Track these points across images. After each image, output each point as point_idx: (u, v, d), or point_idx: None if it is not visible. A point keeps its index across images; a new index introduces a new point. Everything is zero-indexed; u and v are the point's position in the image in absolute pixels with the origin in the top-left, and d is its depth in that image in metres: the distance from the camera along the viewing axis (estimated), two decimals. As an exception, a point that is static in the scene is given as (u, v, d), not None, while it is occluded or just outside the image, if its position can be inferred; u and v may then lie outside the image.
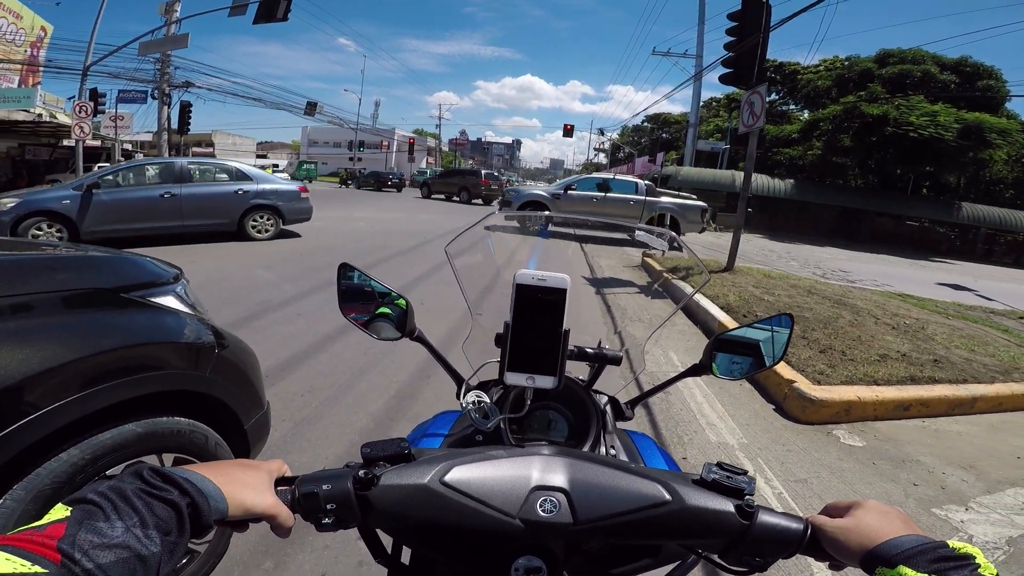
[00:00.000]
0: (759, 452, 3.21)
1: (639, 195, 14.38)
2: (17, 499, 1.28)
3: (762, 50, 8.51)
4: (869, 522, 0.56)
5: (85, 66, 19.55)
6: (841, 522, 0.58)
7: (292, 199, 10.28)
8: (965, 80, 27.15)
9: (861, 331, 5.41)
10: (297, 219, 10.50)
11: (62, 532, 0.40)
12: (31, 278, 1.62)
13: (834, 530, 0.57)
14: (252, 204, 9.68)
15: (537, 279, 0.70)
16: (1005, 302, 10.63)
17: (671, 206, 14.44)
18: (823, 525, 0.58)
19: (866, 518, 0.57)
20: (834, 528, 0.58)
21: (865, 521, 0.56)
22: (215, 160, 10.51)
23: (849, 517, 0.58)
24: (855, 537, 0.55)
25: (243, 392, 1.91)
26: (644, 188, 14.59)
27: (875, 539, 0.53)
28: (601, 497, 0.60)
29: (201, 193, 9.19)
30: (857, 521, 0.57)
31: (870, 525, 0.56)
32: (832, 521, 0.59)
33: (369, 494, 0.59)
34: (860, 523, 0.56)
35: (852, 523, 0.57)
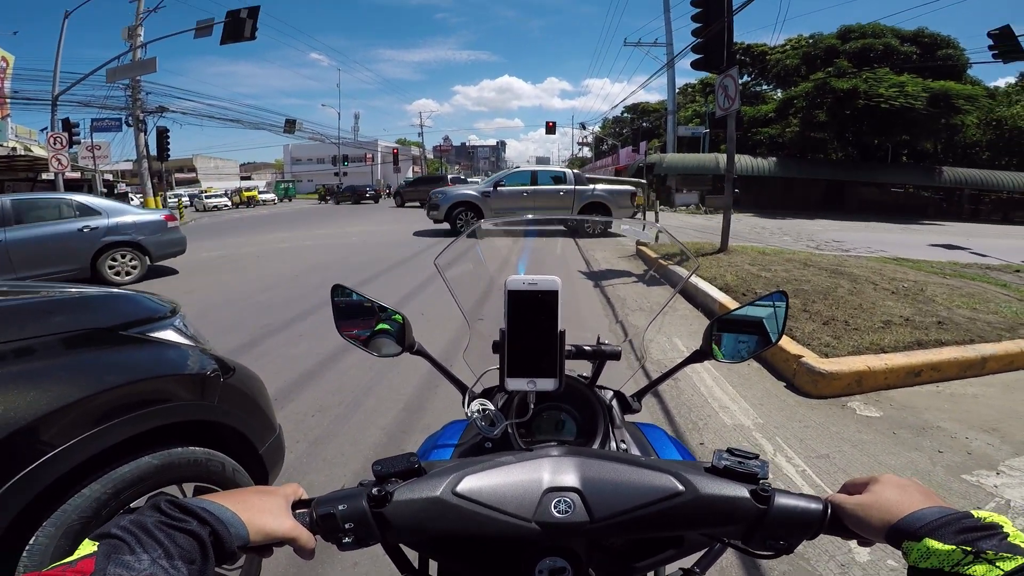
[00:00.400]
0: (776, 431, 3.19)
1: (568, 184, 14.30)
2: (48, 536, 1.31)
3: (728, 34, 8.60)
4: (889, 496, 0.56)
5: (54, 96, 19.42)
6: (861, 498, 0.58)
7: (156, 231, 8.75)
8: (925, 50, 27.76)
9: (861, 299, 5.42)
10: (167, 254, 9.06)
11: (92, 567, 0.42)
12: (28, 322, 1.63)
13: (854, 507, 0.57)
14: (106, 242, 8.21)
15: (528, 283, 0.71)
16: (1000, 257, 10.72)
17: (601, 193, 14.43)
18: (843, 503, 0.58)
19: (885, 492, 0.56)
20: (854, 505, 0.57)
21: (884, 496, 0.56)
22: (52, 195, 9.20)
23: (868, 493, 0.58)
24: (876, 513, 0.55)
25: (253, 418, 1.92)
26: (573, 177, 14.52)
27: (897, 513, 0.53)
28: (614, 493, 0.60)
29: (35, 236, 7.64)
30: (876, 496, 0.56)
31: (890, 499, 0.55)
32: (851, 498, 0.58)
33: (384, 511, 0.59)
34: (880, 498, 0.56)
35: (872, 499, 0.56)
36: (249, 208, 37.17)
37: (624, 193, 14.56)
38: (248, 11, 16.11)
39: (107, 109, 23.33)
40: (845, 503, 0.58)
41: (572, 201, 13.98)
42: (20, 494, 1.25)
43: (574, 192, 14.06)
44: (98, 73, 20.12)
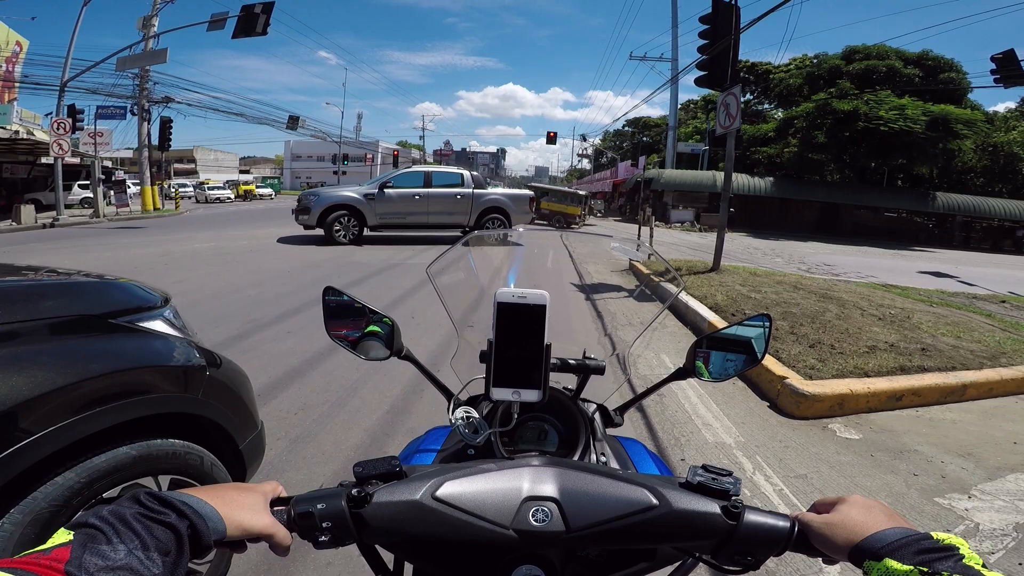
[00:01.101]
0: (756, 450, 3.22)
1: (466, 187, 13.09)
2: (15, 523, 1.28)
3: (734, 52, 8.66)
4: (854, 516, 0.57)
5: (62, 82, 19.29)
6: (827, 518, 0.59)
7: None
8: (928, 73, 28.03)
9: (848, 324, 5.48)
10: None
11: (68, 555, 0.42)
12: (16, 306, 1.59)
13: (820, 526, 0.58)
14: None
15: (517, 297, 0.72)
16: (986, 287, 10.85)
17: (500, 198, 13.54)
18: (810, 522, 0.59)
19: (851, 513, 0.58)
20: (820, 524, 0.58)
21: (850, 516, 0.57)
22: None
23: (835, 512, 0.59)
24: (841, 532, 0.56)
25: (236, 412, 1.90)
26: (471, 180, 13.28)
27: (861, 533, 0.54)
28: (591, 504, 0.61)
29: None
30: (843, 516, 0.58)
31: (855, 519, 0.57)
32: (818, 517, 0.60)
33: (363, 511, 0.59)
34: (845, 518, 0.57)
35: (838, 518, 0.58)
36: (246, 202, 37.07)
37: (523, 198, 13.90)
38: (263, 6, 16.01)
39: (114, 97, 23.15)
40: (812, 522, 0.59)
41: (469, 206, 12.97)
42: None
43: (472, 196, 12.99)
44: (108, 61, 20.01)
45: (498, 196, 13.55)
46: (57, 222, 16.33)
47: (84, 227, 16.31)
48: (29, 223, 15.67)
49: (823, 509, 0.61)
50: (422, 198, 12.73)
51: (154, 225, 17.34)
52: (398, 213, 12.61)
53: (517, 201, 13.67)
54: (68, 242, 12.23)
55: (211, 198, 35.51)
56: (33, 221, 15.91)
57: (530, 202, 13.87)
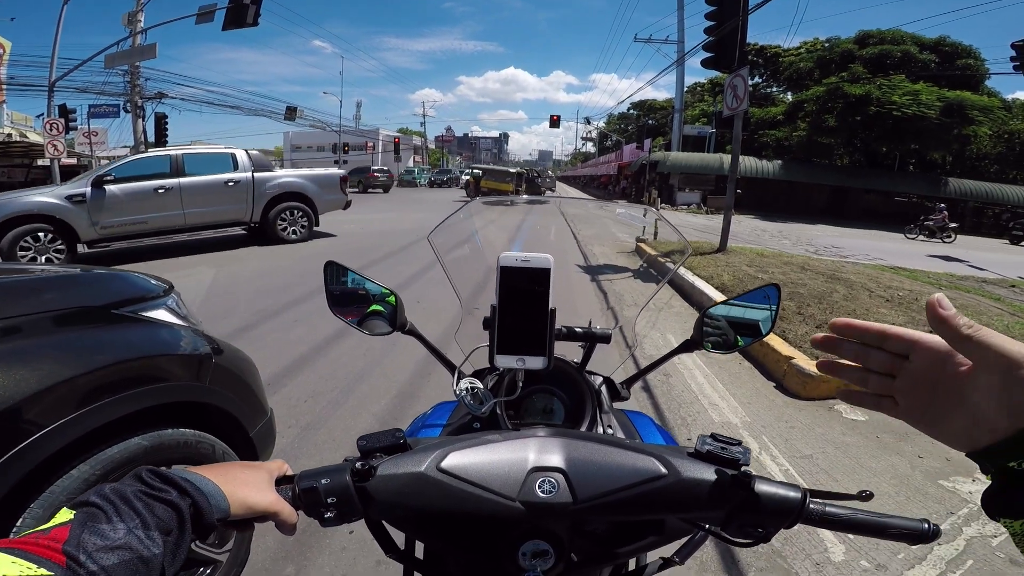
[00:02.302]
0: (763, 430, 3.23)
1: (242, 172, 9.73)
2: (36, 517, 1.29)
3: (742, 33, 8.53)
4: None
5: (51, 82, 19.20)
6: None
7: None
8: (944, 59, 27.50)
9: (856, 305, 5.45)
10: None
11: (66, 535, 0.41)
12: (19, 300, 1.61)
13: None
14: None
15: (521, 260, 0.70)
16: (996, 271, 10.73)
17: (296, 181, 10.55)
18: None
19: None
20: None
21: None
22: None
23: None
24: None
25: (245, 400, 1.91)
26: (248, 161, 9.89)
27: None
28: (598, 474, 0.60)
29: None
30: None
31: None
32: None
33: (367, 485, 0.59)
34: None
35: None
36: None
37: (330, 181, 11.12)
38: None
39: (105, 95, 22.99)
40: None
41: (248, 195, 9.76)
42: (8, 474, 1.23)
43: (251, 183, 9.75)
44: (96, 59, 19.85)
45: (293, 180, 10.52)
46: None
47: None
48: (30, 226, 15.57)
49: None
50: (170, 192, 8.91)
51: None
52: (132, 218, 8.61)
53: (323, 184, 10.94)
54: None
55: None
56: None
57: (342, 182, 11.17)
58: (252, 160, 9.98)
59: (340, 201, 11.30)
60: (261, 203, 9.97)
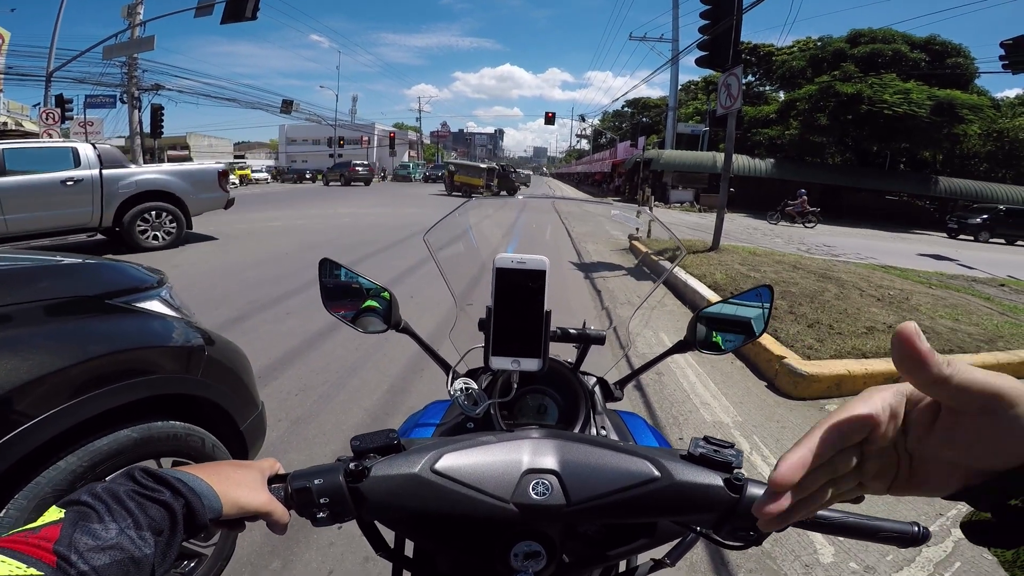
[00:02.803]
0: (754, 430, 3.24)
1: (86, 169, 8.08)
2: (20, 508, 1.28)
3: (736, 32, 8.54)
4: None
5: (48, 72, 19.17)
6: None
7: None
8: (935, 58, 27.72)
9: (847, 304, 5.48)
10: None
11: (57, 534, 0.40)
12: (11, 288, 1.59)
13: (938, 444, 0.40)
14: None
15: (516, 262, 0.70)
16: (985, 270, 10.84)
17: (159, 178, 8.84)
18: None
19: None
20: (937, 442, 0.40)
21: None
22: None
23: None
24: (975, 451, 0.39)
25: (236, 393, 1.90)
26: (94, 157, 8.23)
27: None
28: (592, 477, 0.60)
29: None
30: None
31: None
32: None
33: (361, 486, 0.58)
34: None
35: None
36: (242, 186, 36.80)
37: (205, 176, 9.53)
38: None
39: (102, 85, 22.93)
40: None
41: (95, 196, 8.13)
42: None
43: (97, 181, 8.13)
44: (95, 50, 19.85)
45: (154, 177, 8.80)
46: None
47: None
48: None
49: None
50: None
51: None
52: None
53: (196, 181, 9.32)
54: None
55: None
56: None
57: (220, 179, 9.63)
58: (101, 156, 8.32)
59: (219, 200, 9.72)
60: (113, 205, 8.27)
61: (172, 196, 8.88)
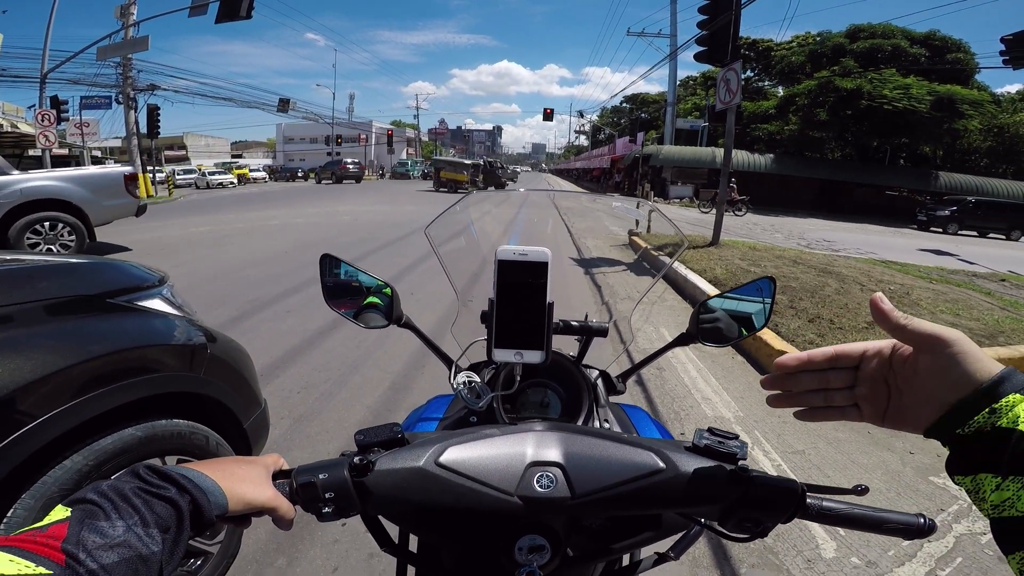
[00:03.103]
0: (755, 425, 3.24)
1: None
2: (27, 507, 1.29)
3: (735, 27, 8.54)
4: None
5: (43, 73, 19.13)
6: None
7: None
8: (934, 53, 27.66)
9: (848, 299, 5.48)
10: None
11: (64, 533, 0.40)
12: (13, 288, 1.59)
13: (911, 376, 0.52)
14: None
15: (518, 254, 0.70)
16: (986, 265, 10.84)
17: (50, 185, 7.61)
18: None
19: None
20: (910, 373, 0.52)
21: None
22: None
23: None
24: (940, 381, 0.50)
25: (239, 391, 1.90)
26: None
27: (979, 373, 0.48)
28: (596, 469, 0.60)
29: None
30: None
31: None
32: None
33: (365, 480, 0.58)
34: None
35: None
36: (240, 185, 36.80)
37: (108, 181, 8.23)
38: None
39: (97, 86, 22.92)
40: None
41: None
42: (1, 465, 1.22)
43: None
44: (89, 51, 19.85)
45: (44, 184, 7.61)
46: (49, 213, 16.06)
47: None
48: (22, 215, 15.40)
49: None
50: None
51: (149, 212, 17.15)
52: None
53: (97, 186, 8.04)
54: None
55: (212, 183, 34.18)
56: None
57: (127, 183, 8.35)
58: None
59: (128, 207, 8.45)
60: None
61: (68, 204, 7.72)
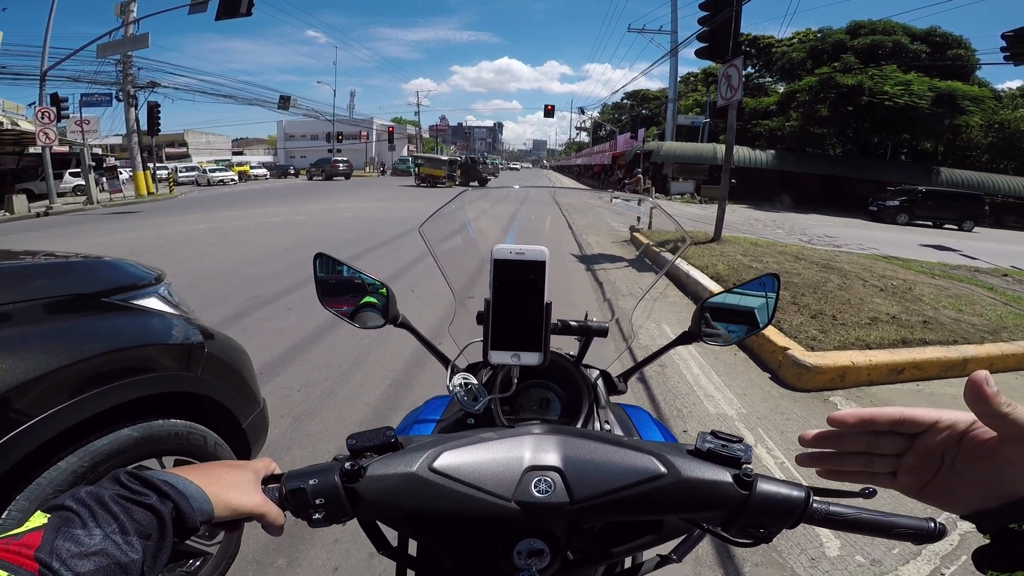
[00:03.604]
0: (758, 422, 3.23)
1: None
2: (21, 509, 1.27)
3: (736, 23, 8.51)
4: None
5: (42, 71, 19.13)
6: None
7: None
8: (935, 50, 27.62)
9: (850, 294, 5.46)
10: None
11: (39, 541, 0.39)
12: (8, 287, 1.57)
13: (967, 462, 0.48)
14: None
15: (515, 253, 0.68)
16: (989, 260, 10.80)
17: None
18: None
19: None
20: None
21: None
22: None
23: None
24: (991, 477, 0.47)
25: (237, 391, 1.89)
26: None
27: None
28: (596, 473, 0.58)
29: None
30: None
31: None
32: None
33: (357, 486, 0.57)
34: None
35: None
36: (241, 182, 36.85)
37: None
38: (244, -14, 15.75)
39: (97, 84, 22.92)
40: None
41: None
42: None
43: None
44: (89, 48, 19.80)
45: None
46: (51, 210, 16.22)
47: (78, 214, 16.13)
48: (22, 212, 15.48)
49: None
50: None
51: (148, 209, 17.23)
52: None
53: None
54: (63, 229, 12.12)
55: (213, 180, 34.12)
56: (26, 211, 15.74)
57: None
58: None
59: None
60: None
61: None
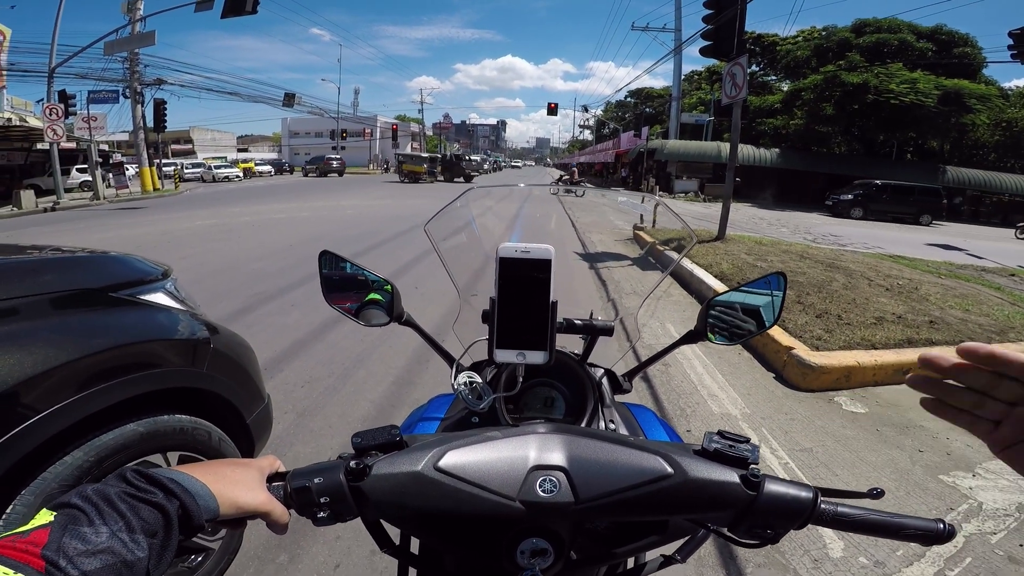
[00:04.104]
0: (762, 422, 3.22)
1: None
2: (27, 504, 1.27)
3: (740, 21, 8.49)
4: None
5: (50, 68, 19.27)
6: None
7: None
8: (941, 48, 27.50)
9: (855, 294, 5.44)
10: None
11: (45, 538, 0.39)
12: (16, 281, 1.57)
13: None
14: None
15: (521, 251, 0.68)
16: (995, 260, 10.75)
17: None
18: None
19: None
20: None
21: None
22: None
23: None
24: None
25: (242, 386, 1.89)
26: None
27: None
28: (601, 473, 0.58)
29: None
30: None
31: None
32: None
33: (362, 485, 0.57)
34: None
35: None
36: (246, 179, 36.96)
37: None
38: (251, -16, 15.78)
39: (104, 81, 23.10)
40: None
41: None
42: (1, 460, 1.21)
43: None
44: (96, 46, 19.99)
45: None
46: (58, 206, 16.30)
47: (85, 209, 16.20)
48: (30, 208, 15.56)
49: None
50: None
51: (154, 205, 17.30)
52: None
53: None
54: (70, 224, 12.19)
55: (218, 177, 34.45)
56: (34, 206, 15.81)
57: None
58: None
59: None
60: None
61: None
